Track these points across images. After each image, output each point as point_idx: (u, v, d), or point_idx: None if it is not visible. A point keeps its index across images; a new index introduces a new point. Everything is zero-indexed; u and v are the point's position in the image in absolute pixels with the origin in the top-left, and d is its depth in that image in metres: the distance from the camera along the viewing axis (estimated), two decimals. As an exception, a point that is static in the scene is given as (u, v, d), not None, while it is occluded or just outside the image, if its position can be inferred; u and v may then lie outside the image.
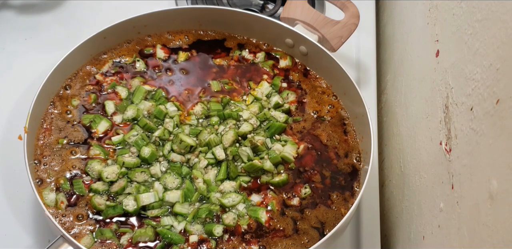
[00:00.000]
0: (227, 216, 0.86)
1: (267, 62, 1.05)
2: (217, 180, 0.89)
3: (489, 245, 0.59)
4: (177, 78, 1.01)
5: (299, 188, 0.91)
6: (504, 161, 0.57)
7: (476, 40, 0.69)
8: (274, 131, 0.95)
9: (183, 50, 1.05)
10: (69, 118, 0.94)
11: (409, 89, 1.04)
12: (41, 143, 0.91)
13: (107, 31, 0.98)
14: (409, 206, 0.95)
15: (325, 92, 1.02)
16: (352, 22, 1.03)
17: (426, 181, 0.86)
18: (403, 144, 1.03)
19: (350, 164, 0.95)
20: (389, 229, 1.05)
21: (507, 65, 0.58)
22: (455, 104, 0.75)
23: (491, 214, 0.59)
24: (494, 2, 0.64)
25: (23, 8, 1.21)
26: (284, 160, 0.93)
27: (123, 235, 0.84)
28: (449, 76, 0.79)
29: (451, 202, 0.73)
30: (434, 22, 0.90)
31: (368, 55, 1.22)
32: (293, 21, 1.04)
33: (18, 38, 1.17)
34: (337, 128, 0.98)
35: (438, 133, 0.82)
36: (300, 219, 0.89)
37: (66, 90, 0.97)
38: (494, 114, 0.61)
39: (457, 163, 0.72)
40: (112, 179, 0.88)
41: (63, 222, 0.84)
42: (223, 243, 0.84)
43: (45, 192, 0.86)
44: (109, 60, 1.02)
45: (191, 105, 0.98)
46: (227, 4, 1.25)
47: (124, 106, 0.95)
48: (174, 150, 0.91)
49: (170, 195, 0.86)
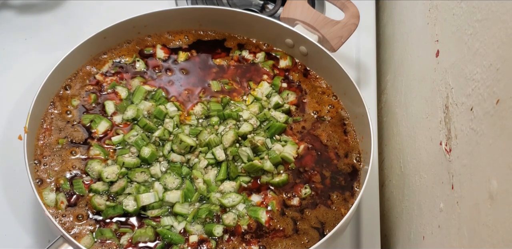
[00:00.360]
0: (227, 216, 0.86)
1: (267, 62, 1.05)
2: (217, 180, 0.89)
3: (489, 245, 0.59)
4: (177, 78, 1.01)
5: (299, 188, 0.91)
6: (504, 161, 0.57)
7: (476, 40, 0.69)
8: (274, 132, 0.95)
9: (183, 50, 1.05)
10: (69, 118, 0.94)
11: (409, 89, 1.04)
12: (41, 143, 0.91)
13: (107, 31, 0.98)
14: (409, 206, 0.95)
15: (325, 92, 1.02)
16: (352, 22, 1.03)
17: (426, 181, 0.86)
18: (403, 144, 1.03)
19: (350, 164, 0.95)
20: (389, 229, 1.05)
21: (507, 65, 0.58)
22: (455, 104, 0.75)
23: (491, 214, 0.59)
24: (494, 2, 0.64)
25: (23, 8, 1.21)
26: (284, 160, 0.93)
27: (123, 235, 0.84)
28: (449, 76, 0.79)
29: (451, 202, 0.73)
30: (434, 22, 0.90)
31: (368, 55, 1.22)
32: (293, 21, 1.04)
33: (18, 38, 1.17)
34: (337, 128, 0.98)
35: (438, 133, 0.82)
36: (300, 219, 0.89)
37: (66, 90, 0.97)
38: (494, 114, 0.61)
39: (457, 163, 0.72)
40: (112, 179, 0.88)
41: (63, 222, 0.84)
42: (223, 243, 0.84)
43: (45, 192, 0.86)
44: (109, 60, 1.02)
45: (191, 105, 0.98)
46: (227, 4, 1.25)
47: (124, 106, 0.95)
48: (174, 150, 0.91)
49: (170, 195, 0.86)
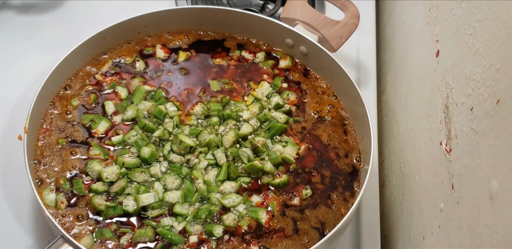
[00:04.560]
0: (227, 217, 0.86)
1: (267, 62, 1.05)
2: (218, 181, 0.89)
3: (489, 246, 0.59)
4: (177, 78, 1.01)
5: (300, 189, 0.91)
6: (504, 161, 0.57)
7: (476, 40, 0.69)
8: (275, 132, 0.95)
9: (183, 50, 1.05)
10: (69, 118, 0.94)
11: (409, 89, 1.04)
12: (41, 144, 0.91)
13: (107, 31, 0.98)
14: (409, 206, 0.95)
15: (325, 92, 1.02)
16: (352, 22, 1.03)
17: (426, 181, 0.86)
18: (403, 144, 1.03)
19: (350, 164, 0.95)
20: (389, 229, 1.05)
21: (507, 65, 0.58)
22: (455, 104, 0.75)
23: (491, 214, 0.59)
24: (494, 2, 0.64)
25: (23, 8, 1.21)
26: (285, 161, 0.93)
27: (123, 236, 0.84)
28: (449, 76, 0.79)
29: (451, 202, 0.73)
30: (434, 22, 0.90)
31: (368, 55, 1.22)
32: (293, 21, 1.04)
33: (18, 38, 1.17)
34: (337, 128, 0.98)
35: (438, 133, 0.82)
36: (300, 219, 0.89)
37: (66, 90, 0.97)
38: (494, 115, 0.61)
39: (457, 163, 0.72)
40: (112, 180, 0.87)
41: (63, 222, 0.84)
42: (223, 244, 0.84)
43: (45, 192, 0.86)
44: (109, 60, 1.02)
45: (191, 105, 0.98)
46: (227, 4, 1.25)
47: (124, 106, 0.95)
48: (174, 150, 0.91)
49: (170, 196, 0.86)
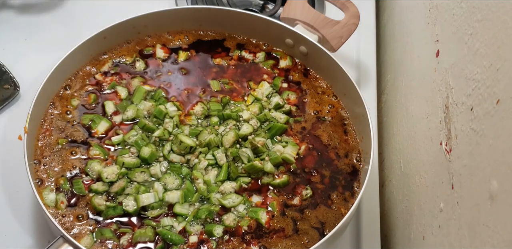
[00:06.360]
0: (227, 217, 0.86)
1: (267, 62, 1.05)
2: (218, 181, 0.89)
3: (489, 246, 0.59)
4: (177, 78, 1.01)
5: (300, 189, 0.91)
6: (504, 161, 0.57)
7: (476, 40, 0.69)
8: (275, 133, 0.95)
9: (183, 50, 1.04)
10: (69, 118, 0.94)
11: (409, 89, 1.04)
12: (41, 144, 0.91)
13: (107, 31, 0.98)
14: (409, 206, 0.95)
15: (325, 92, 1.02)
16: (352, 22, 1.03)
17: (426, 181, 0.86)
18: (403, 144, 1.03)
19: (350, 164, 0.95)
20: (389, 229, 1.05)
21: (507, 65, 0.58)
22: (455, 104, 0.75)
23: (491, 214, 0.59)
24: (494, 2, 0.64)
25: (23, 8, 1.21)
26: (285, 161, 0.93)
27: (123, 236, 0.84)
28: (449, 76, 0.79)
29: (451, 202, 0.73)
30: (434, 22, 0.90)
31: (368, 55, 1.22)
32: (293, 21, 1.04)
33: (18, 38, 1.17)
34: (337, 128, 0.98)
35: (438, 133, 0.82)
36: (300, 219, 0.89)
37: (66, 90, 0.97)
38: (494, 115, 0.61)
39: (457, 163, 0.72)
40: (112, 180, 0.87)
41: (63, 222, 0.84)
42: (223, 244, 0.84)
43: (45, 192, 0.86)
44: (109, 60, 1.02)
45: (191, 105, 0.98)
46: (227, 4, 1.25)
47: (124, 106, 0.95)
48: (174, 151, 0.91)
49: (170, 196, 0.86)
